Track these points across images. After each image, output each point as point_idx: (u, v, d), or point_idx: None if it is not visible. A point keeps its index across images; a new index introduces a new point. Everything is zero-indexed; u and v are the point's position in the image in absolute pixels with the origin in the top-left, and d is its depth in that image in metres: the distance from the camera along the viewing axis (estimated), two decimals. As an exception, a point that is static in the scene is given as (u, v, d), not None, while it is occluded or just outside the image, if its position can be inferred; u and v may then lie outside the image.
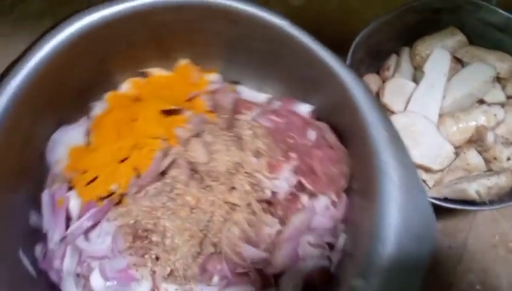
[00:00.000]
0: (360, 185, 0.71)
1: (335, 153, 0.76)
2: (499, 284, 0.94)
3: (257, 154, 0.77)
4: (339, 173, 0.76)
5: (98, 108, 0.85)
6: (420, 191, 0.59)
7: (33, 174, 0.77)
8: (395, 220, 0.56)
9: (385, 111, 0.66)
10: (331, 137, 0.76)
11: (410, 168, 0.60)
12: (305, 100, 0.86)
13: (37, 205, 0.76)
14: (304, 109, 0.84)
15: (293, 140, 0.79)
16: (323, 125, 0.79)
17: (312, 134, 0.79)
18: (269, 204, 0.79)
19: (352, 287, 0.53)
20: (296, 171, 0.77)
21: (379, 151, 0.61)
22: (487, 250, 0.98)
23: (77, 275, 0.71)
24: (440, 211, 0.98)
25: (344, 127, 0.76)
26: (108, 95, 0.83)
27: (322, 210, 0.78)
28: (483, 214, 1.02)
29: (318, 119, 0.83)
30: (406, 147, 0.62)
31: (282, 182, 0.76)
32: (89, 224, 0.70)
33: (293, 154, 0.77)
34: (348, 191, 0.77)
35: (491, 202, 0.85)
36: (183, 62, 0.88)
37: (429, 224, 0.57)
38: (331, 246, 0.75)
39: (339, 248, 0.71)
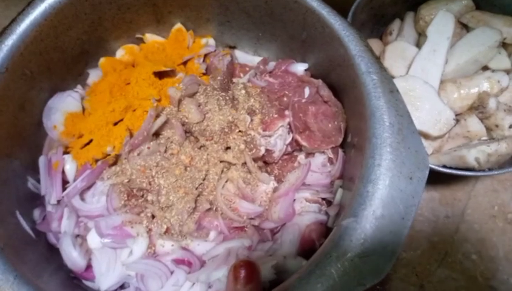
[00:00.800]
0: (355, 138, 0.70)
1: (330, 108, 0.75)
2: (495, 254, 0.93)
3: (251, 112, 0.76)
4: (334, 128, 0.75)
5: (94, 75, 0.85)
6: (413, 134, 0.57)
7: (31, 140, 0.77)
8: (386, 162, 0.55)
9: (380, 62, 0.64)
10: (326, 92, 0.75)
11: (403, 113, 0.59)
12: (301, 59, 0.84)
13: (35, 170, 0.77)
14: (300, 68, 0.83)
15: (288, 98, 0.78)
16: (318, 82, 0.78)
17: (306, 91, 0.78)
18: (266, 163, 0.79)
19: (344, 227, 0.52)
20: (291, 128, 0.76)
21: (371, 96, 0.60)
22: (485, 220, 0.96)
23: (76, 236, 0.71)
24: (438, 180, 0.98)
25: (339, 82, 0.75)
26: (102, 60, 0.83)
27: (319, 167, 0.77)
28: (483, 184, 1.00)
29: (313, 76, 0.82)
30: (399, 93, 0.61)
31: (277, 139, 0.75)
32: (83, 184, 0.70)
33: (287, 112, 0.76)
34: (344, 146, 0.76)
35: (491, 170, 0.83)
36: (177, 26, 0.87)
37: (422, 164, 0.55)
38: (329, 202, 0.74)
39: (336, 203, 0.70)
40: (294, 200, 0.74)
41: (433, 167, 0.79)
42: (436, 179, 0.97)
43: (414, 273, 0.90)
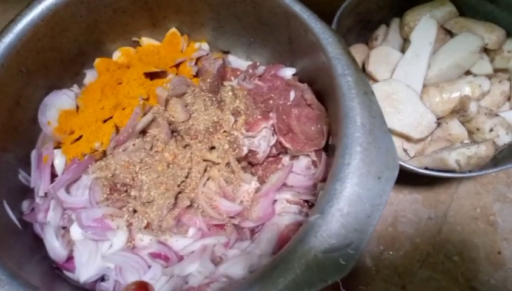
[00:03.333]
0: (334, 140, 0.70)
1: (313, 111, 0.76)
2: (476, 255, 0.92)
3: (235, 113, 0.77)
4: (317, 131, 0.75)
5: (91, 76, 0.89)
6: (384, 134, 0.57)
7: (25, 135, 0.81)
8: (355, 161, 0.56)
9: (357, 64, 0.65)
10: (309, 95, 0.76)
11: (376, 114, 0.59)
12: (290, 64, 0.86)
13: (27, 164, 0.80)
14: (288, 72, 0.85)
15: (274, 101, 0.80)
16: (304, 85, 0.79)
17: (292, 95, 0.79)
18: (251, 165, 0.80)
19: (310, 223, 0.53)
20: (275, 130, 0.77)
21: (345, 97, 0.61)
22: (467, 222, 0.96)
23: (63, 228, 0.73)
24: (421, 183, 0.99)
25: (322, 86, 0.76)
26: (97, 61, 0.86)
27: (302, 169, 0.78)
28: (465, 187, 1.00)
29: (301, 81, 0.83)
30: (374, 95, 0.61)
31: (261, 140, 0.76)
32: (68, 177, 0.72)
33: (271, 114, 0.77)
34: (327, 149, 0.77)
35: (471, 172, 0.82)
36: (171, 31, 0.90)
37: (392, 164, 0.55)
38: (312, 204, 0.74)
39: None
40: (275, 201, 0.75)
41: (414, 168, 0.79)
42: (419, 181, 0.97)
43: (396, 273, 0.89)
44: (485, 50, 0.93)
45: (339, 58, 0.64)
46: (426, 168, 0.83)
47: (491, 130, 0.84)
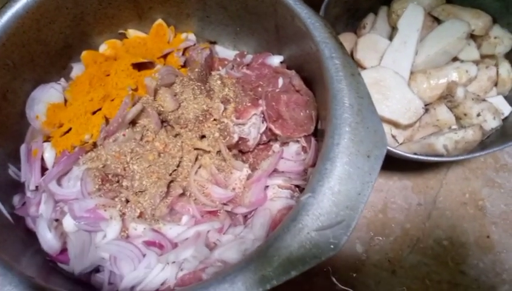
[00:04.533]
0: (323, 124, 0.71)
1: (302, 97, 0.77)
2: (466, 239, 0.94)
3: (224, 101, 0.78)
4: (306, 117, 0.76)
5: (78, 69, 0.88)
6: (372, 114, 0.59)
7: (13, 129, 0.80)
8: (344, 141, 0.57)
9: (344, 48, 0.66)
10: (297, 81, 0.77)
11: (363, 94, 0.60)
12: (277, 52, 0.87)
13: (16, 159, 0.79)
14: (276, 60, 0.85)
15: (263, 89, 0.80)
16: (291, 72, 0.80)
17: (280, 81, 0.80)
18: (242, 153, 0.81)
19: (302, 202, 0.54)
20: (265, 117, 0.78)
21: (333, 80, 0.62)
22: (456, 207, 0.98)
23: (55, 221, 0.73)
24: (410, 169, 1.01)
25: (310, 71, 0.77)
26: (84, 53, 0.86)
27: (292, 155, 0.78)
28: (454, 172, 1.02)
29: (289, 68, 0.84)
30: (361, 76, 0.62)
31: (251, 127, 0.77)
32: (59, 169, 0.72)
33: (260, 101, 0.78)
34: (317, 135, 0.78)
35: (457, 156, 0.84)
36: (158, 22, 0.90)
37: (380, 143, 0.57)
38: (302, 189, 0.75)
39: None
40: (267, 186, 0.76)
41: (403, 153, 0.80)
42: (409, 168, 0.99)
43: (386, 259, 0.91)
44: (472, 36, 0.95)
45: (326, 42, 0.65)
46: (415, 154, 0.84)
47: (478, 115, 0.86)
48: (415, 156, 0.81)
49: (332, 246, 0.52)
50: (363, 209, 0.53)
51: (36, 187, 0.75)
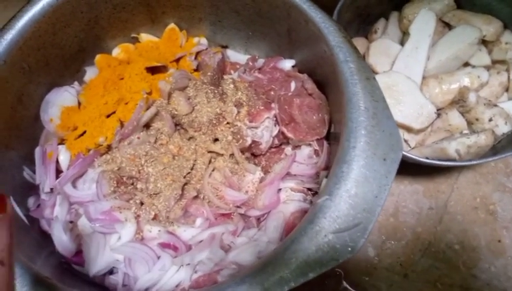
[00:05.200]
0: (336, 127, 0.72)
1: (314, 100, 0.77)
2: (477, 244, 0.94)
3: (238, 104, 0.79)
4: (318, 120, 0.77)
5: (91, 73, 0.89)
6: (388, 118, 0.59)
7: (28, 132, 0.81)
8: (360, 144, 0.57)
9: (358, 52, 0.66)
10: (310, 85, 0.78)
11: (378, 98, 0.61)
12: (289, 56, 0.87)
13: (31, 161, 0.80)
14: (288, 64, 0.86)
15: (275, 92, 0.81)
16: (304, 76, 0.81)
17: (292, 85, 0.80)
18: (254, 156, 0.81)
19: (319, 205, 0.54)
20: (277, 120, 0.78)
21: (348, 83, 0.63)
22: (467, 211, 0.98)
23: (70, 223, 0.73)
24: (422, 173, 1.01)
25: (322, 75, 0.78)
26: (98, 57, 0.87)
27: (305, 158, 0.79)
28: (465, 177, 1.02)
29: (300, 72, 0.84)
30: (376, 80, 0.63)
31: (263, 131, 0.78)
32: (75, 171, 0.73)
33: (273, 104, 0.79)
34: (329, 138, 0.78)
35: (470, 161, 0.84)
36: (170, 26, 0.91)
37: (396, 146, 0.57)
38: (315, 192, 0.76)
39: (320, 192, 0.72)
40: (280, 189, 0.76)
41: (415, 157, 0.80)
42: (420, 172, 0.99)
43: (398, 262, 0.91)
44: (483, 42, 0.95)
45: (340, 46, 0.65)
46: (427, 159, 0.84)
47: (490, 120, 0.87)
48: (428, 160, 0.81)
49: (349, 248, 0.52)
50: (380, 212, 0.54)
51: (51, 189, 0.76)
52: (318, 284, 0.88)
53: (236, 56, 0.96)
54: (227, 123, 0.78)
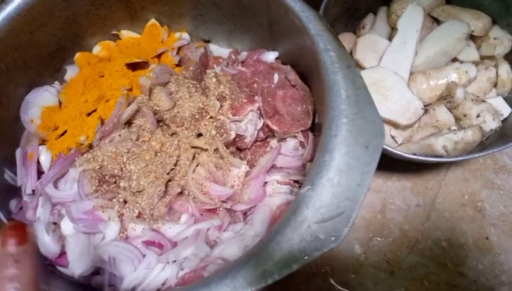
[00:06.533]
0: (320, 118, 0.71)
1: (298, 92, 0.76)
2: (465, 241, 0.94)
3: (220, 98, 0.78)
4: (302, 111, 0.76)
5: (71, 72, 0.87)
6: (369, 105, 0.58)
7: (8, 134, 0.79)
8: (342, 132, 0.56)
9: (339, 40, 0.66)
10: (293, 76, 0.77)
11: (360, 86, 0.60)
12: (272, 48, 0.86)
13: (12, 163, 0.78)
14: (271, 56, 0.85)
15: (258, 85, 0.80)
16: (286, 67, 0.80)
17: (275, 77, 0.79)
18: (240, 150, 0.80)
19: (301, 195, 0.53)
20: (262, 113, 0.77)
21: (329, 72, 0.62)
22: (455, 208, 0.98)
23: (53, 224, 0.72)
24: (410, 170, 1.01)
25: (305, 66, 0.77)
26: (77, 55, 0.85)
27: (290, 150, 0.78)
28: (453, 173, 1.02)
29: (284, 64, 0.83)
30: (359, 71, 0.62)
31: (247, 124, 0.77)
32: (56, 171, 0.71)
33: (256, 97, 0.78)
34: (314, 129, 0.77)
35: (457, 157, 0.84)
36: (151, 22, 0.90)
37: (378, 133, 0.56)
38: (300, 184, 0.75)
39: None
40: (266, 183, 0.75)
41: (402, 153, 0.80)
42: (408, 168, 0.99)
43: (385, 260, 0.91)
44: (472, 37, 0.95)
45: (321, 34, 0.65)
46: (414, 155, 0.84)
47: (478, 116, 0.86)
48: (415, 157, 0.80)
49: (333, 238, 0.51)
50: (363, 200, 0.53)
51: (33, 190, 0.74)
52: (304, 281, 0.88)
53: (219, 50, 0.95)
54: (210, 117, 0.77)
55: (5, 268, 0.37)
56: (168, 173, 0.73)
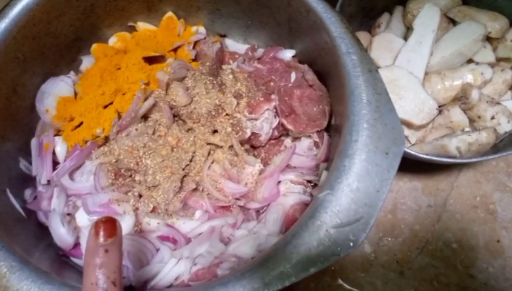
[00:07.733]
0: (337, 120, 0.71)
1: (315, 92, 0.76)
2: (475, 243, 0.94)
3: (237, 96, 0.78)
4: (319, 112, 0.76)
5: (87, 62, 0.87)
6: (390, 111, 0.58)
7: (23, 123, 0.80)
8: (363, 137, 0.57)
9: (360, 43, 0.65)
10: (311, 76, 0.77)
11: (381, 91, 0.60)
12: (289, 46, 0.86)
13: (27, 153, 0.79)
14: (288, 54, 0.85)
15: (275, 83, 0.80)
16: (304, 66, 0.79)
17: (292, 76, 0.79)
18: (254, 147, 0.80)
19: (320, 199, 0.54)
20: (277, 112, 0.77)
21: (350, 76, 0.62)
22: (467, 210, 0.98)
23: (68, 215, 0.73)
24: (421, 171, 1.00)
25: (323, 66, 0.77)
26: (94, 46, 0.85)
27: (305, 150, 0.78)
28: (465, 175, 1.02)
29: (301, 62, 0.83)
30: (378, 73, 0.62)
31: (263, 122, 0.77)
32: (72, 163, 0.72)
33: (273, 96, 0.78)
34: (330, 130, 0.77)
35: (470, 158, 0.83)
36: (168, 14, 0.89)
37: (398, 140, 0.56)
38: (315, 184, 0.76)
39: (321, 185, 0.71)
40: (279, 182, 0.76)
41: (415, 153, 0.80)
42: (420, 169, 0.98)
43: (394, 259, 0.91)
44: (488, 39, 0.94)
45: (343, 37, 0.64)
46: (427, 155, 0.84)
47: (493, 118, 0.86)
48: (428, 157, 0.80)
49: (350, 243, 0.52)
50: (382, 206, 0.53)
51: (48, 181, 0.75)
52: (313, 279, 0.88)
53: (235, 45, 0.95)
54: (226, 114, 0.77)
55: (96, 256, 0.43)
56: (183, 169, 0.73)
